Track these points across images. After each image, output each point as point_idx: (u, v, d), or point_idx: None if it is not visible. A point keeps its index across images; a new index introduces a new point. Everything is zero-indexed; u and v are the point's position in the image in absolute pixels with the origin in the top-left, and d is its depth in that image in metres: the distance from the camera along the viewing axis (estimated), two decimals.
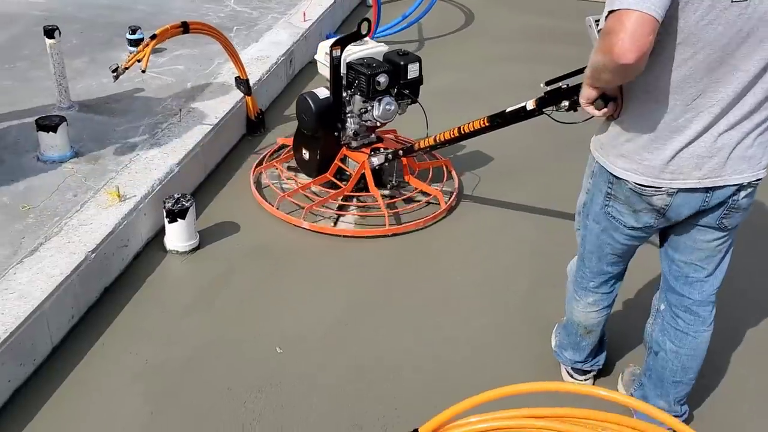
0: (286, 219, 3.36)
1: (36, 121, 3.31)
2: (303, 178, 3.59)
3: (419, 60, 3.34)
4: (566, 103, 2.30)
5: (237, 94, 4.01)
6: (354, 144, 3.48)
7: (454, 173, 3.73)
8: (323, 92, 3.39)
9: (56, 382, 2.48)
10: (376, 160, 3.41)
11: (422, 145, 3.16)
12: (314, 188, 3.54)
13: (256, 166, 3.71)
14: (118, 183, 3.13)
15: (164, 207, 3.07)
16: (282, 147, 3.87)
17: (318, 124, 3.36)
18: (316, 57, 3.58)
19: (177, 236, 3.12)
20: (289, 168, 3.70)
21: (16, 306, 2.47)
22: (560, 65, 2.38)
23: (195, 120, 3.75)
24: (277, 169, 3.68)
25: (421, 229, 3.38)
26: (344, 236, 3.30)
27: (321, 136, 3.41)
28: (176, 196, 3.11)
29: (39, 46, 4.37)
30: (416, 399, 2.49)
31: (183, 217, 3.07)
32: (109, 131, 3.62)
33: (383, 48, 3.46)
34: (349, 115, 3.40)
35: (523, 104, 2.56)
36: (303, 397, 2.48)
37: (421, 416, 1.43)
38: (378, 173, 3.52)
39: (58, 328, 2.61)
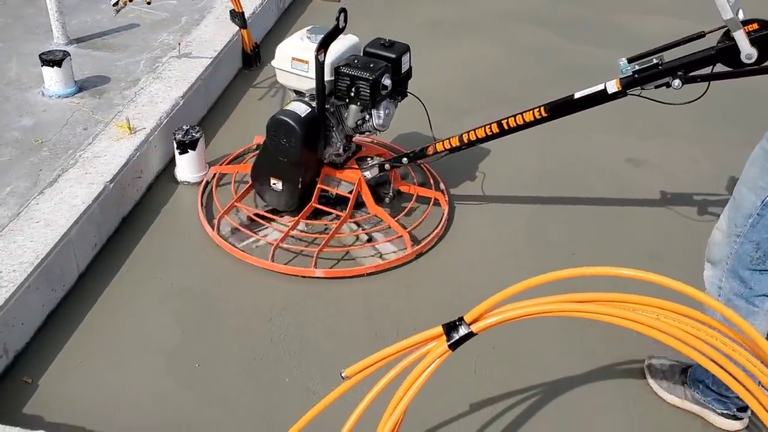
0: (289, 272, 2.74)
1: (40, 56, 3.31)
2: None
3: (409, 48, 2.86)
4: (677, 82, 2.16)
5: (232, 28, 4.02)
6: (340, 161, 2.94)
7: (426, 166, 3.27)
8: (301, 108, 2.76)
9: (87, 305, 2.58)
10: (370, 174, 2.91)
11: (440, 148, 2.73)
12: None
13: (204, 210, 2.99)
14: (127, 116, 3.17)
15: (174, 138, 3.12)
16: (221, 176, 3.18)
17: (304, 148, 2.76)
18: (274, 64, 2.82)
19: (188, 167, 3.18)
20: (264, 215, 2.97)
21: (44, 234, 2.55)
22: None
23: (194, 54, 3.77)
24: (241, 209, 2.99)
25: (441, 239, 2.97)
26: (367, 274, 2.77)
27: (303, 162, 2.83)
28: (185, 127, 3.16)
29: None
30: (430, 312, 2.63)
31: (193, 149, 3.13)
32: (110, 66, 3.63)
33: (356, 40, 2.85)
34: (336, 129, 2.83)
35: (600, 87, 2.33)
36: (325, 315, 2.61)
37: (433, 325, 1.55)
38: (372, 188, 3.00)
39: (83, 255, 2.70)
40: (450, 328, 1.54)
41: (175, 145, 3.13)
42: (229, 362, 2.41)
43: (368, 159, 3.01)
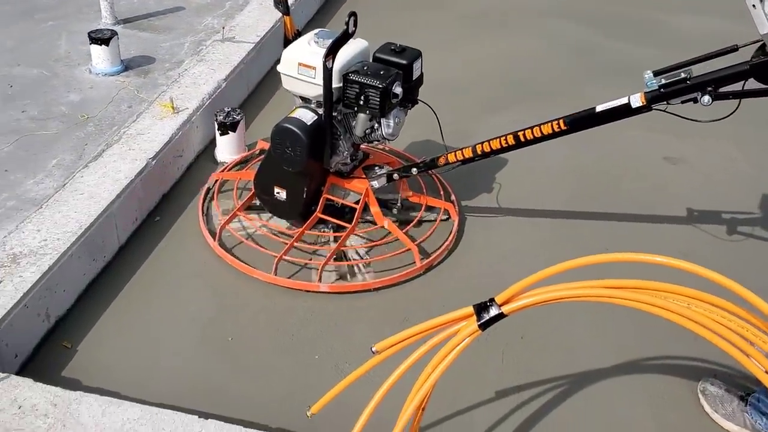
0: (292, 285, 2.64)
1: (89, 34, 3.41)
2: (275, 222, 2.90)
3: (421, 54, 2.72)
4: (707, 98, 2.05)
5: (275, 14, 4.08)
6: (346, 170, 2.83)
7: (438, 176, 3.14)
8: (307, 115, 2.64)
9: (126, 276, 2.66)
10: (377, 183, 2.81)
11: (452, 159, 2.65)
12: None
13: (205, 219, 2.88)
14: (171, 96, 3.25)
15: (216, 119, 3.19)
16: (217, 182, 3.05)
17: (310, 158, 2.64)
18: (280, 69, 2.73)
19: (227, 148, 3.25)
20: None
21: (87, 205, 2.63)
22: None
23: (237, 38, 3.84)
24: (245, 219, 2.89)
25: (452, 252, 2.87)
26: (375, 289, 2.67)
27: (309, 171, 2.71)
28: (227, 109, 3.22)
29: None
30: (459, 293, 2.65)
31: (234, 130, 3.19)
32: (155, 47, 3.72)
33: (365, 44, 2.72)
34: (343, 137, 2.71)
35: (623, 101, 2.24)
36: (354, 297, 2.65)
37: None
38: (380, 198, 2.88)
39: (124, 228, 2.77)
40: (481, 308, 1.58)
41: (216, 126, 3.20)
42: (261, 338, 2.46)
43: (376, 168, 2.90)
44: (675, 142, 3.58)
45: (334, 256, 2.72)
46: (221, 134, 3.20)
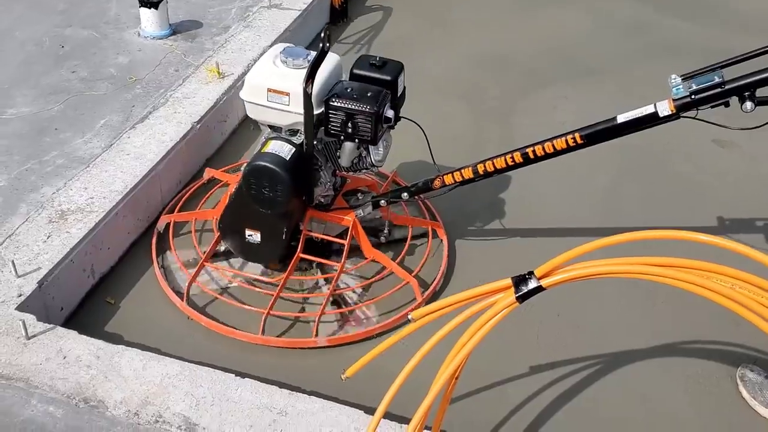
0: (287, 344, 2.33)
1: None
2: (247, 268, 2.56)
3: (403, 66, 2.39)
4: (749, 105, 1.89)
5: None
6: (328, 201, 2.50)
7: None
8: (284, 149, 2.26)
9: (168, 237, 2.70)
10: (363, 212, 2.52)
11: (449, 181, 2.37)
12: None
13: (164, 272, 2.52)
14: (217, 61, 3.27)
15: None
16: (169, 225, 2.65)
17: (293, 196, 2.29)
18: (244, 97, 2.34)
19: None
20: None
21: (133, 166, 2.68)
22: None
23: (284, 5, 3.85)
24: (216, 270, 2.52)
25: (450, 276, 2.61)
26: (377, 335, 2.39)
27: (289, 209, 2.37)
28: None
29: None
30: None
31: None
32: (203, 12, 3.75)
33: (337, 59, 2.38)
34: (324, 167, 2.40)
35: (649, 110, 2.07)
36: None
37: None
38: (369, 227, 2.61)
39: (168, 190, 2.82)
40: (519, 280, 1.57)
41: None
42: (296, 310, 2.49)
43: (358, 194, 2.64)
44: (726, 124, 3.49)
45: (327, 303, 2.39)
46: None
